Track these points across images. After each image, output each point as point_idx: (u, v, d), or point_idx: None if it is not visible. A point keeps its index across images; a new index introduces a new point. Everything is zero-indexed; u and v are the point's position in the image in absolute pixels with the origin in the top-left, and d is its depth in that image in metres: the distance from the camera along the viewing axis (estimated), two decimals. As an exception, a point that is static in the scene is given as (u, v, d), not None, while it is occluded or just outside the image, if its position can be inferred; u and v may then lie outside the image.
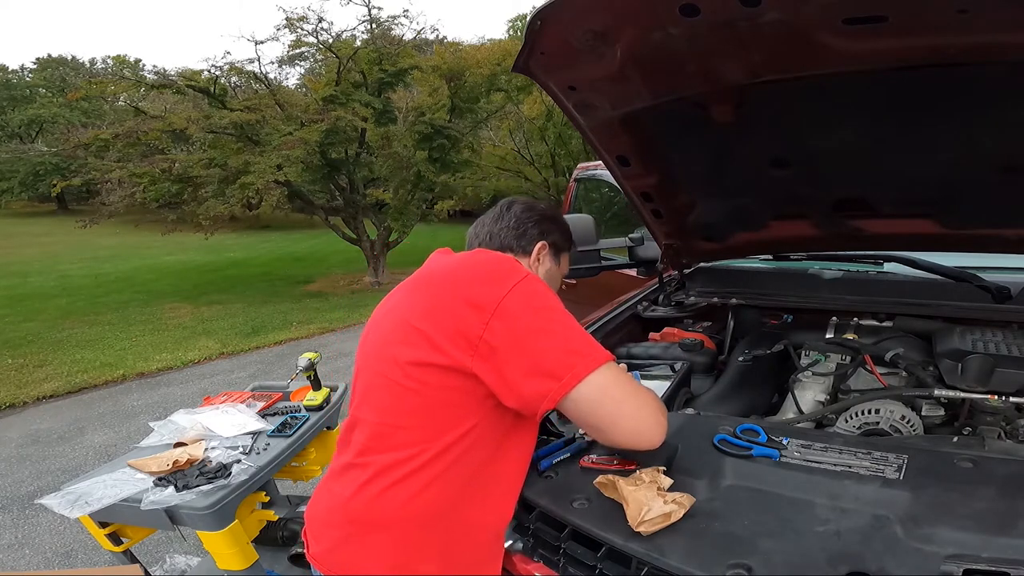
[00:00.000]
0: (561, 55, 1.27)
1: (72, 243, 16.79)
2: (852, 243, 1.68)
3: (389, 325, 1.03)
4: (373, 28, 10.29)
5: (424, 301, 0.99)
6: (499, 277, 0.94)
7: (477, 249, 1.13)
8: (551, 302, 0.95)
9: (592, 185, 4.33)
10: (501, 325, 0.89)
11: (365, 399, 1.02)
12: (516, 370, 0.89)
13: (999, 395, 1.15)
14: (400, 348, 0.97)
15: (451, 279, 0.98)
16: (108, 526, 1.74)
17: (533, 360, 0.89)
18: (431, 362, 0.92)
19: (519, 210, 1.22)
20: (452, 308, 0.93)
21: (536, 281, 0.96)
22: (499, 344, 0.89)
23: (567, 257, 1.29)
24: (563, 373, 0.88)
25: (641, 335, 1.83)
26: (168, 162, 8.83)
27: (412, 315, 0.98)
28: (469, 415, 0.93)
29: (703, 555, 0.83)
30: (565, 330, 0.92)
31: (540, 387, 0.89)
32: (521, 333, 0.89)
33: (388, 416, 0.97)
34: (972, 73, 1.05)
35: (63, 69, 31.38)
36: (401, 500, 0.92)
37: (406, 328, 0.97)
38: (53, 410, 4.90)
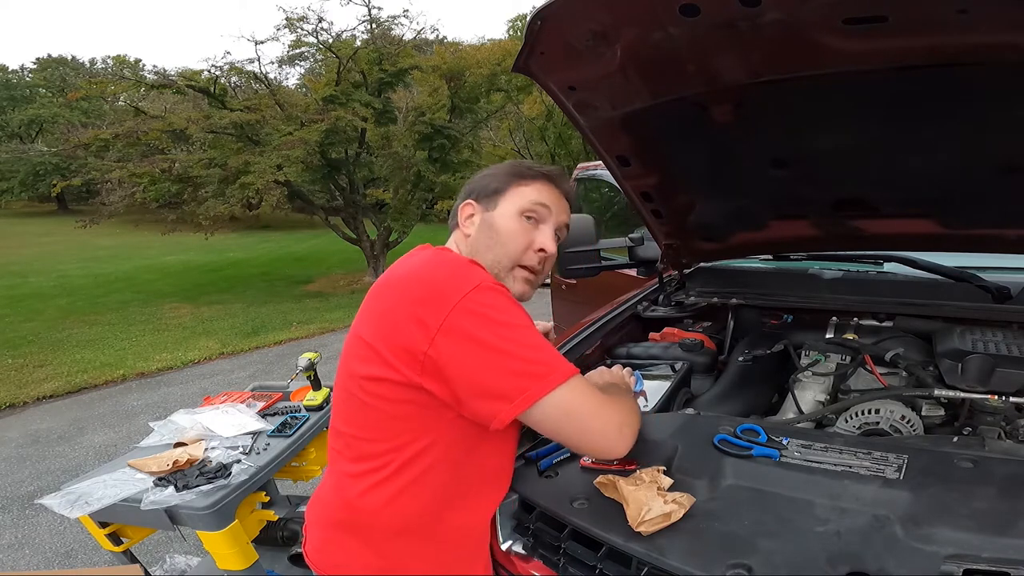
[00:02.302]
0: (561, 55, 1.27)
1: (72, 243, 16.79)
2: (852, 243, 1.68)
3: (349, 336, 0.99)
4: (373, 28, 10.30)
5: (375, 315, 0.94)
6: (446, 291, 0.86)
7: (435, 251, 1.01)
8: (502, 315, 0.86)
9: (592, 185, 4.33)
10: (447, 343, 0.84)
11: (336, 409, 1.02)
12: (464, 390, 0.86)
13: (999, 395, 1.15)
14: (355, 362, 0.94)
15: (400, 292, 0.92)
16: (108, 526, 1.74)
17: (481, 381, 0.85)
18: (383, 377, 0.89)
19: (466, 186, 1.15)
20: (399, 323, 0.87)
21: (486, 292, 0.87)
22: (446, 363, 0.84)
23: (507, 194, 1.08)
24: (515, 395, 0.84)
25: (641, 335, 1.82)
26: (168, 162, 8.85)
27: (364, 328, 0.94)
28: (431, 426, 0.90)
29: (703, 555, 0.83)
30: (518, 347, 0.85)
31: (489, 408, 0.85)
32: (467, 352, 0.84)
33: (353, 428, 0.97)
34: (972, 73, 1.05)
35: (63, 69, 31.40)
36: (374, 507, 0.93)
37: (359, 342, 0.94)
38: (53, 410, 4.90)
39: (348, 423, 0.97)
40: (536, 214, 1.07)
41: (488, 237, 1.05)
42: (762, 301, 1.76)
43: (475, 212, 1.09)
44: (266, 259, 14.73)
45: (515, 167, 1.11)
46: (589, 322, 1.77)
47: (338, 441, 1.00)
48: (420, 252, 1.01)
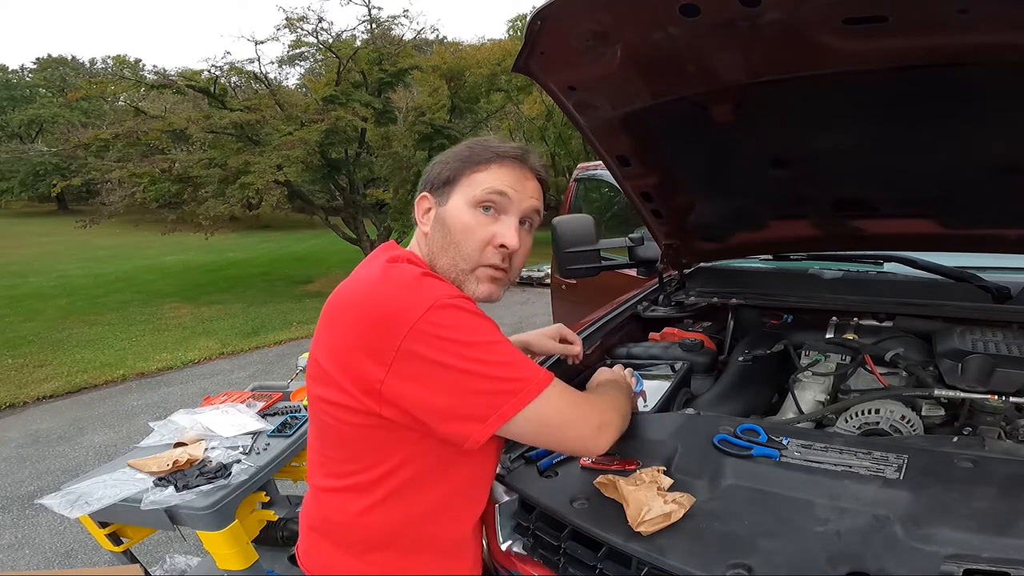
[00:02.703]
0: (561, 55, 1.27)
1: (72, 243, 16.79)
2: (852, 243, 1.68)
3: (310, 355, 0.92)
4: (373, 28, 10.31)
5: (329, 339, 0.86)
6: (398, 316, 0.78)
7: (386, 264, 0.89)
8: (463, 334, 0.79)
9: (592, 185, 4.33)
10: (404, 372, 0.78)
11: (310, 424, 0.99)
12: (429, 416, 0.81)
13: (999, 395, 1.15)
14: (314, 384, 0.89)
15: (351, 317, 0.83)
16: (108, 526, 1.74)
17: (446, 405, 0.80)
18: (340, 402, 0.84)
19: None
20: (351, 352, 0.81)
21: (442, 311, 0.79)
22: (404, 392, 0.79)
23: (459, 183, 0.95)
24: (487, 414, 0.80)
25: (641, 335, 1.82)
26: (168, 162, 8.86)
27: (320, 351, 0.88)
28: (400, 447, 0.86)
29: (703, 555, 0.83)
30: (484, 366, 0.79)
31: (461, 430, 0.81)
32: (428, 379, 0.78)
33: (320, 445, 0.94)
34: (972, 73, 1.05)
35: (63, 69, 31.42)
36: (348, 521, 0.92)
37: (316, 364, 0.88)
38: (53, 410, 4.90)
39: (318, 440, 0.94)
40: (494, 204, 0.92)
41: (442, 236, 0.93)
42: (762, 301, 1.76)
43: (431, 206, 0.96)
44: (266, 259, 14.73)
45: (469, 149, 0.96)
46: (589, 322, 1.77)
47: (312, 454, 0.99)
48: (373, 262, 0.92)
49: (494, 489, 1.11)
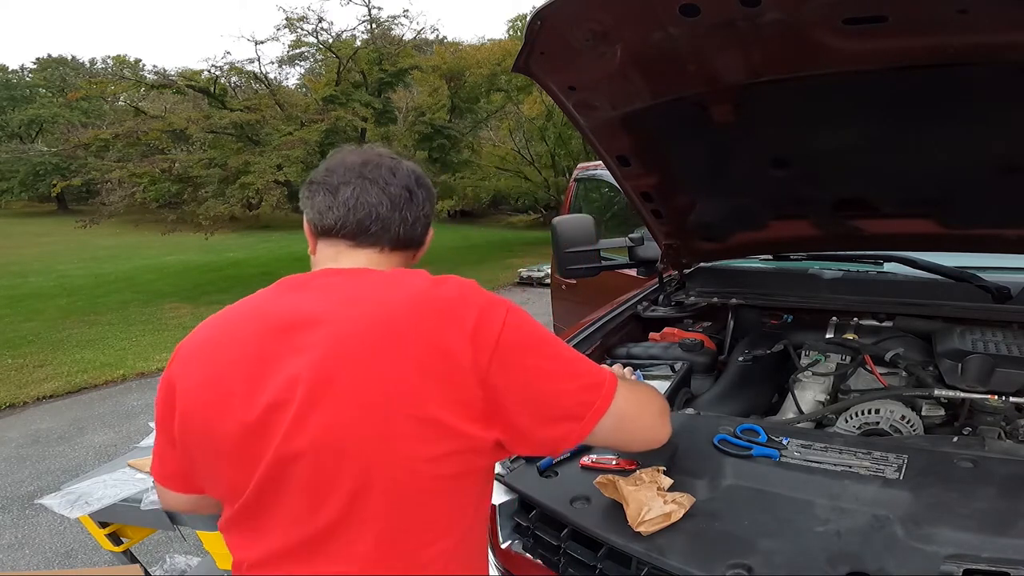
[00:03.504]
0: (561, 55, 1.27)
1: (72, 243, 16.78)
2: (852, 243, 1.68)
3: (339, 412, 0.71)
4: (373, 28, 10.31)
5: (395, 368, 0.70)
6: (488, 312, 0.73)
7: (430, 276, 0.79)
8: (542, 331, 0.78)
9: (592, 185, 4.33)
10: (506, 366, 0.72)
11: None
12: (533, 416, 0.75)
13: (999, 395, 1.15)
14: (364, 444, 0.71)
15: (431, 326, 0.71)
16: (108, 526, 1.74)
17: (549, 402, 0.75)
18: (430, 450, 0.71)
19: (428, 191, 0.90)
20: (441, 368, 0.70)
21: (518, 309, 0.76)
22: (510, 389, 0.72)
23: None
24: (583, 412, 0.76)
25: (641, 335, 1.82)
26: (168, 162, 8.86)
27: (369, 393, 0.69)
28: (475, 487, 0.79)
29: (703, 555, 0.83)
30: (570, 363, 0.78)
31: (559, 431, 0.76)
32: (530, 374, 0.74)
33: (382, 524, 0.79)
34: (972, 73, 1.05)
35: (63, 69, 31.42)
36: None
37: (367, 416, 0.70)
38: (53, 410, 4.89)
39: (387, 519, 0.72)
40: None
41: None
42: (762, 301, 1.76)
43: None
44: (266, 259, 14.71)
45: None
46: (589, 322, 1.77)
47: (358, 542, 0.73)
48: (404, 277, 0.79)
49: (495, 489, 1.11)
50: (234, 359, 0.75)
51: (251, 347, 0.75)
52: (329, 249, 0.84)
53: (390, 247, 0.84)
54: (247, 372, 0.74)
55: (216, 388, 0.75)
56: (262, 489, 0.73)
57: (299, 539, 0.73)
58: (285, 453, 0.70)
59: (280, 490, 0.73)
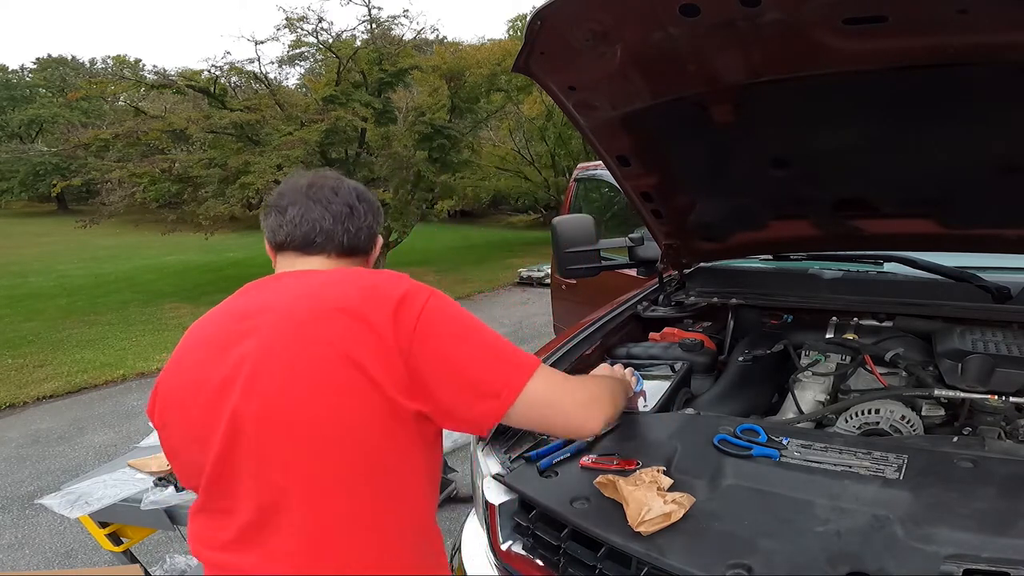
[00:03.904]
0: (561, 55, 1.27)
1: (72, 243, 16.78)
2: (852, 243, 1.68)
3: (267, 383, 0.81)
4: (373, 28, 10.30)
5: (321, 344, 0.79)
6: (410, 294, 0.82)
7: (354, 268, 0.93)
8: (463, 313, 0.86)
9: (592, 185, 4.33)
10: (426, 344, 0.80)
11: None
12: (457, 392, 0.82)
13: (999, 395, 1.15)
14: (296, 407, 0.80)
15: (356, 309, 0.80)
16: (108, 526, 1.75)
17: (468, 378, 0.82)
18: (357, 413, 0.81)
19: (371, 205, 1.00)
20: (366, 344, 0.79)
21: (441, 295, 0.86)
22: (431, 370, 0.80)
23: None
24: (500, 388, 0.83)
25: (641, 335, 1.82)
26: (168, 162, 8.85)
27: (296, 365, 0.79)
28: (413, 458, 0.87)
29: (703, 555, 0.83)
30: (490, 340, 0.85)
31: (482, 407, 0.83)
32: (449, 352, 0.82)
33: (314, 488, 0.87)
34: (972, 73, 1.05)
35: (63, 69, 31.43)
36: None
37: (296, 384, 0.80)
38: (53, 410, 4.90)
39: (316, 483, 0.80)
40: None
41: None
42: (762, 301, 1.76)
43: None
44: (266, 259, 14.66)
45: None
46: (589, 322, 1.77)
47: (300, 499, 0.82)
48: (345, 272, 0.90)
49: (494, 489, 1.11)
50: (200, 352, 0.87)
51: (213, 339, 0.86)
52: (284, 261, 0.97)
53: (336, 254, 0.95)
54: (209, 358, 0.84)
55: (186, 377, 0.86)
56: (219, 462, 0.81)
57: (251, 513, 0.80)
58: (232, 423, 0.79)
59: (234, 460, 0.80)
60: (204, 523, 0.87)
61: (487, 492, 1.12)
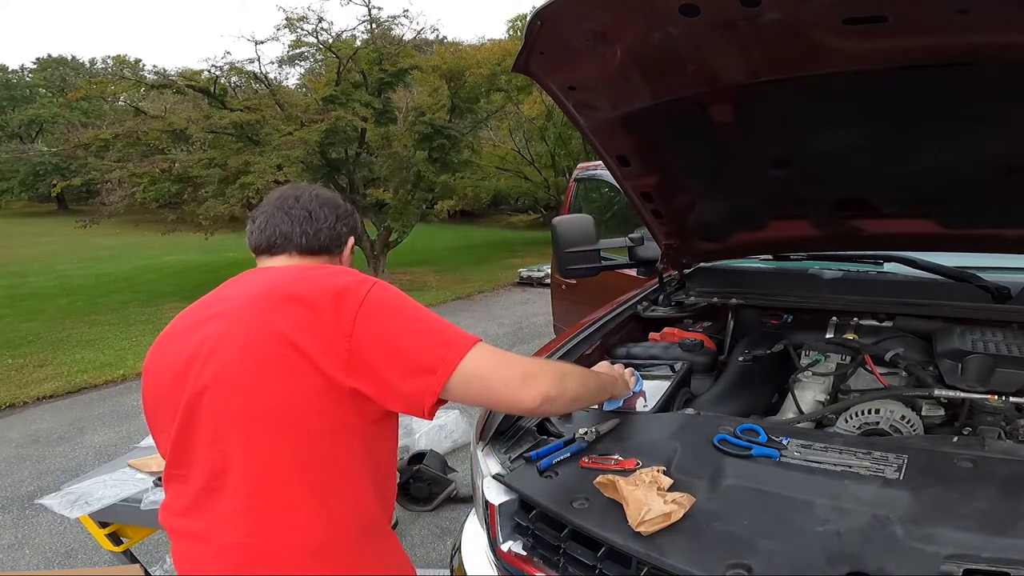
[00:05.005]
0: (561, 55, 1.27)
1: (72, 243, 16.78)
2: (852, 243, 1.68)
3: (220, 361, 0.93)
4: (373, 28, 10.29)
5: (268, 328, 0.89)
6: (352, 287, 0.90)
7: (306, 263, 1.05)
8: (405, 300, 0.93)
9: (592, 185, 4.33)
10: (367, 327, 0.87)
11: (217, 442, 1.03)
12: (394, 368, 0.88)
13: (999, 395, 1.15)
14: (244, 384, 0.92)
15: (300, 299, 0.90)
16: (108, 526, 1.75)
17: (406, 356, 0.88)
18: (297, 390, 0.90)
19: (333, 210, 1.11)
20: (309, 330, 0.88)
21: (384, 285, 0.93)
22: (370, 348, 0.87)
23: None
24: (436, 364, 0.87)
25: (641, 335, 1.82)
26: (168, 162, 8.84)
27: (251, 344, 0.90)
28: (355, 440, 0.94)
29: (703, 555, 0.83)
30: (428, 323, 0.91)
31: (419, 383, 0.87)
32: (390, 332, 0.89)
33: (256, 459, 0.96)
34: (972, 73, 1.05)
35: (63, 69, 31.44)
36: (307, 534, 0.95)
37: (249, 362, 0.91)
38: (53, 410, 4.89)
39: (256, 455, 0.89)
40: None
41: None
42: (762, 301, 1.76)
43: (349, 250, 1.16)
44: (266, 259, 14.71)
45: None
46: (589, 322, 1.77)
47: (241, 471, 0.92)
48: (284, 270, 1.01)
49: (494, 489, 1.11)
50: (174, 335, 0.99)
51: (186, 323, 0.99)
52: (259, 262, 1.09)
53: (297, 253, 1.06)
54: (180, 339, 0.97)
55: (161, 357, 0.98)
56: (180, 431, 0.92)
57: (203, 479, 0.91)
58: (192, 393, 0.90)
59: (192, 430, 0.91)
60: (169, 492, 1.00)
61: (487, 492, 1.12)
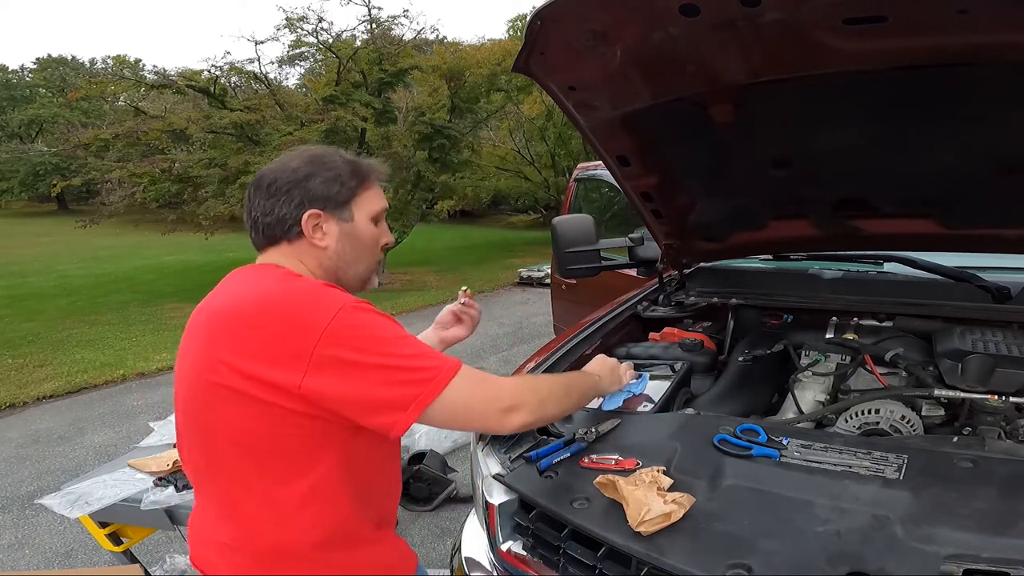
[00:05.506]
0: (561, 55, 1.27)
1: (72, 243, 16.79)
2: (852, 243, 1.68)
3: (190, 377, 0.95)
4: (373, 28, 10.30)
5: (224, 349, 0.86)
6: (309, 321, 0.83)
7: (281, 276, 0.93)
8: (375, 331, 0.86)
9: (592, 185, 4.33)
10: (320, 374, 0.82)
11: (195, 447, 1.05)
12: (354, 409, 0.85)
13: (999, 395, 1.15)
14: (210, 402, 0.92)
15: (256, 324, 0.85)
16: (108, 526, 1.75)
17: (369, 398, 0.84)
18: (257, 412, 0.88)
19: (264, 190, 0.98)
20: (261, 361, 0.83)
21: (352, 312, 0.85)
22: (327, 390, 0.83)
23: (356, 200, 1.02)
24: (407, 403, 0.84)
25: (641, 335, 1.82)
26: (168, 162, 8.86)
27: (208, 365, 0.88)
28: (323, 446, 0.91)
29: (703, 555, 0.83)
30: (398, 359, 0.85)
31: (386, 420, 0.85)
32: (346, 376, 0.83)
33: (223, 466, 0.97)
34: (972, 73, 1.05)
35: (63, 69, 31.46)
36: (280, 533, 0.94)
37: (204, 381, 0.91)
38: (53, 410, 4.89)
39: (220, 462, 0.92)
40: (380, 216, 1.07)
41: (355, 248, 1.02)
42: (762, 301, 1.76)
43: (325, 221, 0.98)
44: (266, 259, 14.71)
45: (351, 167, 1.02)
46: (589, 322, 1.77)
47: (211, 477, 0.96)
48: (263, 276, 0.95)
49: (494, 489, 1.11)
50: (182, 343, 0.98)
51: (187, 332, 0.97)
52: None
53: (264, 245, 1.00)
54: (181, 351, 0.97)
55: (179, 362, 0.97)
56: (179, 440, 0.99)
57: (192, 483, 1.01)
58: (177, 409, 0.97)
59: (180, 439, 0.98)
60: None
61: (487, 492, 1.12)
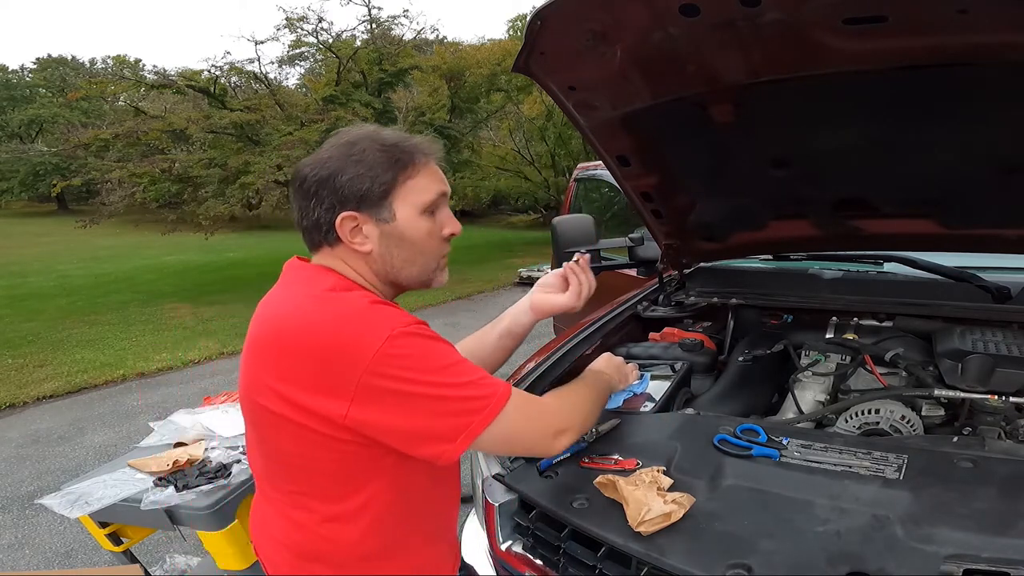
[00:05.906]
0: (561, 55, 1.27)
1: (72, 243, 16.78)
2: (852, 243, 1.68)
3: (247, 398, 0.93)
4: (373, 28, 10.31)
5: (271, 375, 0.83)
6: (354, 352, 0.77)
7: (325, 294, 0.85)
8: (423, 361, 0.80)
9: (592, 185, 4.33)
10: (365, 407, 0.78)
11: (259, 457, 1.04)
12: (400, 440, 0.82)
13: (999, 395, 1.15)
14: (262, 422, 0.91)
15: (300, 351, 0.80)
16: (108, 526, 1.74)
17: (416, 429, 0.80)
18: (305, 438, 0.86)
19: (299, 188, 0.89)
20: (306, 390, 0.80)
21: (400, 339, 0.78)
22: (372, 421, 0.79)
23: (397, 193, 0.88)
24: (455, 435, 0.81)
25: (641, 335, 1.82)
26: (168, 162, 8.87)
27: (260, 388, 0.85)
28: (376, 471, 0.89)
29: (703, 555, 0.83)
30: (447, 389, 0.81)
31: (433, 451, 0.82)
32: (392, 408, 0.79)
33: (284, 479, 0.97)
34: (972, 73, 1.05)
35: (63, 69, 31.48)
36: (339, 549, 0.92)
37: (259, 404, 0.88)
38: (53, 410, 4.89)
39: (282, 473, 0.91)
40: (437, 205, 0.93)
41: (405, 251, 0.91)
42: (762, 301, 1.76)
43: (363, 223, 0.88)
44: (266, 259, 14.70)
45: (387, 154, 0.87)
46: (589, 322, 1.77)
47: (276, 484, 0.95)
48: (311, 287, 0.87)
49: (494, 489, 1.11)
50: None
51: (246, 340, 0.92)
52: None
53: (313, 249, 0.94)
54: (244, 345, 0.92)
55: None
56: (246, 435, 0.98)
57: (255, 474, 1.01)
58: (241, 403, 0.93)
59: (247, 435, 0.98)
60: None
61: (487, 492, 1.12)
